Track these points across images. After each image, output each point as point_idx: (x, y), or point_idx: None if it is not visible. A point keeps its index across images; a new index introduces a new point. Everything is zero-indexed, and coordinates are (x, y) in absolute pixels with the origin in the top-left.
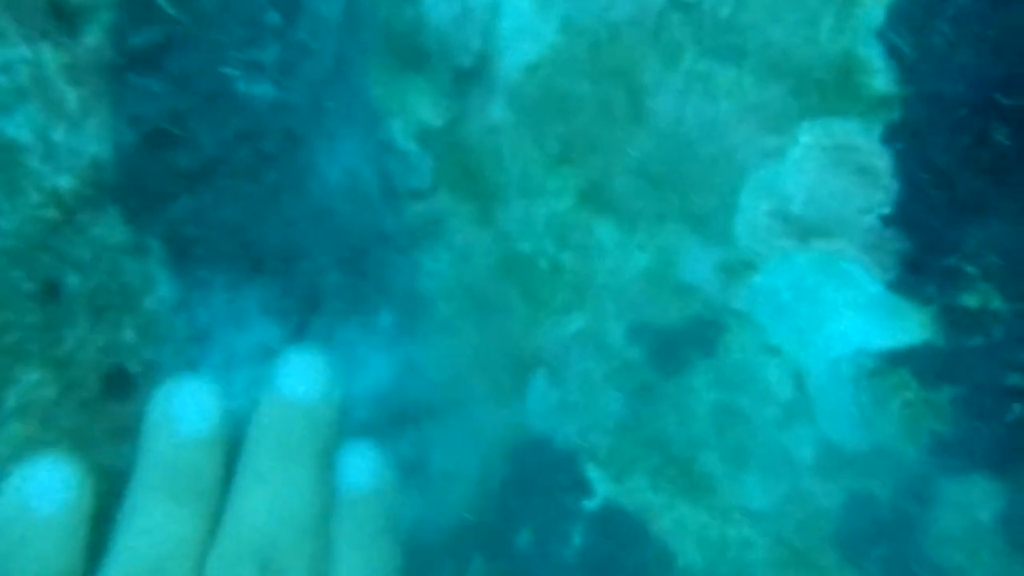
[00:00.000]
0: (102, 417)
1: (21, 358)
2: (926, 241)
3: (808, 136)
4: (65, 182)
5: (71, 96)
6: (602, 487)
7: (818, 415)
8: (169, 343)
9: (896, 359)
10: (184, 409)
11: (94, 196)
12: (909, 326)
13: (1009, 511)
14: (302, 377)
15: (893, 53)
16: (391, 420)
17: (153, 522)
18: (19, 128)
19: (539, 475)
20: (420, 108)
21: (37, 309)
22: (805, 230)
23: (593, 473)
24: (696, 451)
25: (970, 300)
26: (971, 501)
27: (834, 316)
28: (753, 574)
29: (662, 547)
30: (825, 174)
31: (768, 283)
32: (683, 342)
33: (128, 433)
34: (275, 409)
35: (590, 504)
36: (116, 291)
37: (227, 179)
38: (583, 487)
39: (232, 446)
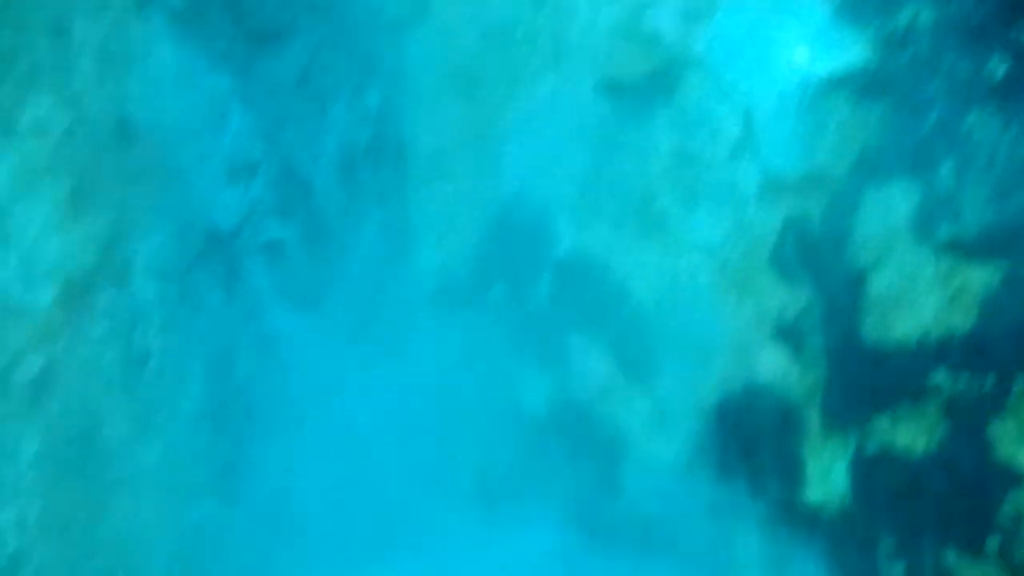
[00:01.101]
0: (110, 158)
1: (34, 86)
2: None
3: None
4: None
5: None
6: (568, 236)
7: (763, 148)
8: (171, 99)
9: (835, 84)
10: None
11: None
12: (849, 50)
13: (921, 207)
14: None
15: None
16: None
17: None
18: None
19: (512, 232)
20: None
21: (48, 43)
22: None
23: (561, 224)
24: (653, 194)
25: (903, 18)
26: (890, 205)
27: (783, 50)
28: (699, 300)
29: (619, 284)
30: None
31: (724, 24)
32: (646, 92)
33: (135, 176)
34: None
35: (557, 252)
36: (122, 45)
37: None
38: (551, 238)
39: None
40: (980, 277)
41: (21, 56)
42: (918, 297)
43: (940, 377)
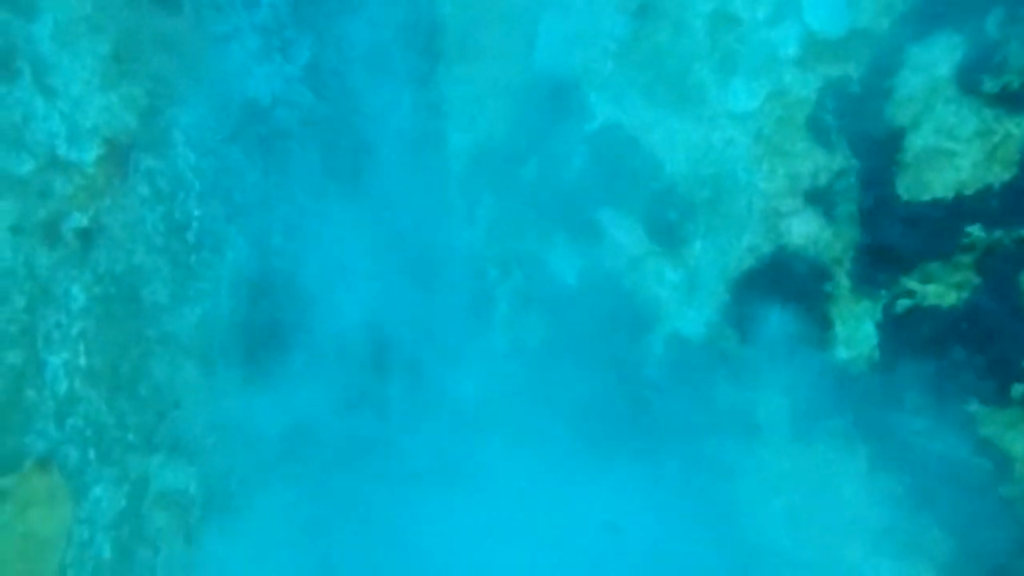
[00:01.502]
0: (149, 24)
1: None
2: None
3: None
4: None
5: None
6: (602, 109)
7: (805, 8)
8: None
9: None
10: None
11: None
12: None
13: (965, 61)
14: None
15: None
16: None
17: None
18: None
19: (545, 108)
20: None
21: None
22: None
23: (594, 98)
24: (689, 64)
25: None
26: (932, 60)
27: None
28: (733, 169)
29: (652, 157)
30: None
31: None
32: None
33: (172, 45)
34: None
35: (591, 126)
36: None
37: None
38: (584, 112)
39: None
40: (1015, 126)
41: None
42: (957, 153)
43: (975, 232)
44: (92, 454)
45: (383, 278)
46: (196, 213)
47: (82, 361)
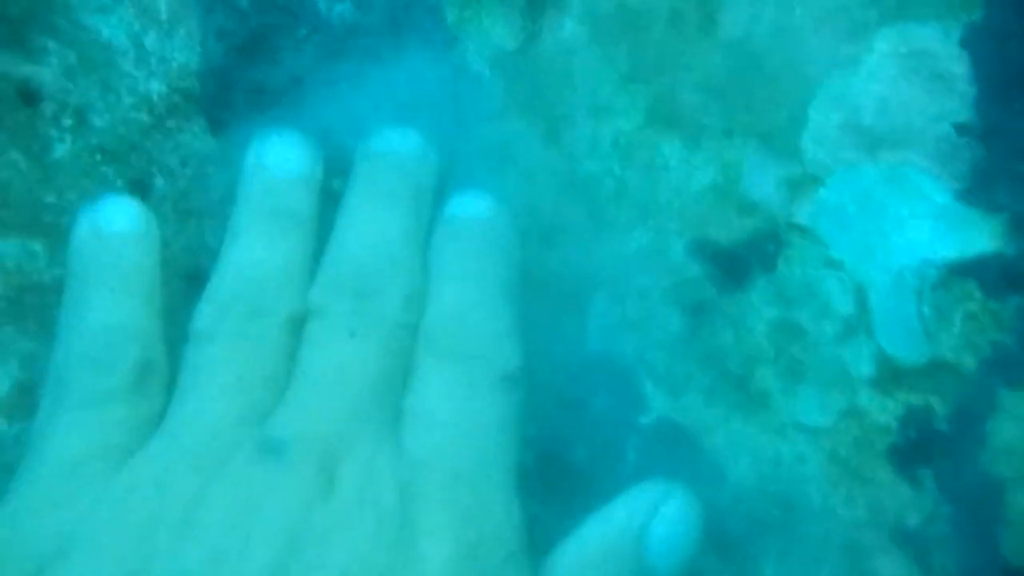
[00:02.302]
0: (182, 314)
1: None
2: (1001, 147)
3: (884, 43)
4: (156, 87)
5: (162, 3)
6: (657, 403)
7: (877, 329)
8: None
9: (962, 270)
10: (278, 152)
11: (182, 104)
12: (977, 236)
13: None
14: (397, 133)
15: None
16: None
17: (254, 249)
18: (115, 30)
19: (597, 393)
20: (494, 30)
21: None
22: (874, 141)
23: (649, 390)
24: (752, 367)
25: None
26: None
27: (899, 227)
28: (806, 489)
29: (714, 462)
30: (899, 82)
31: (833, 196)
32: (743, 258)
33: None
34: (370, 160)
35: (646, 420)
36: (200, 197)
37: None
38: (639, 403)
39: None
40: None
41: None
42: None
43: None
44: None
45: None
46: None
47: None
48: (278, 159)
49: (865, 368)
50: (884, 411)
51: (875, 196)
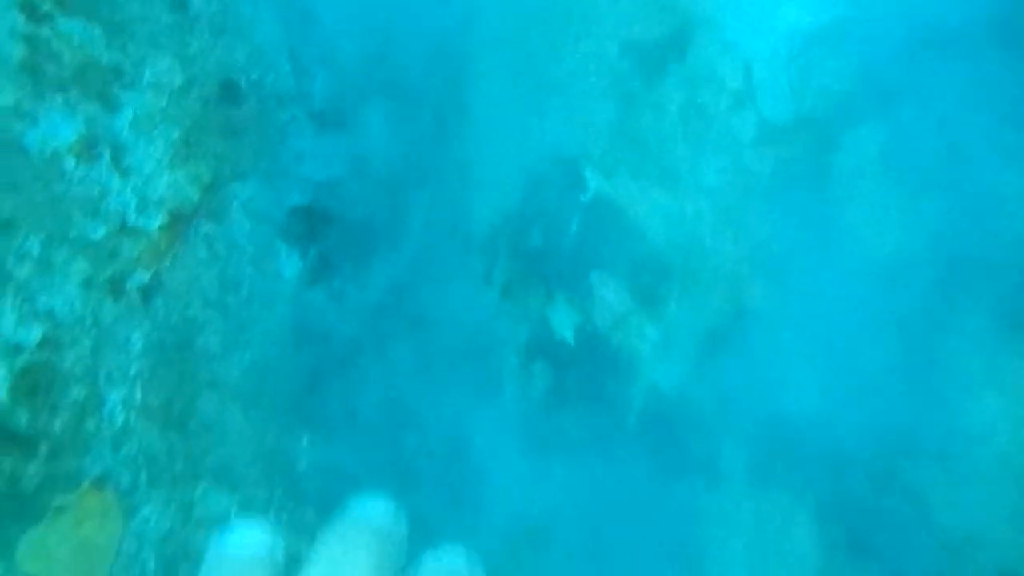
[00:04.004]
0: (217, 112)
1: (156, 47)
2: None
3: None
4: None
5: None
6: (594, 184)
7: (759, 98)
8: (271, 73)
9: (819, 36)
10: (239, 537)
11: None
12: (832, 5)
13: (887, 145)
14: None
15: None
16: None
17: None
18: None
19: (549, 183)
20: None
21: (169, 13)
22: None
23: (589, 174)
24: (666, 145)
25: None
26: (862, 142)
27: (777, 8)
28: (702, 238)
29: (637, 226)
30: None
31: None
32: (662, 52)
33: (236, 132)
34: (344, 524)
35: (584, 197)
36: (232, 19)
37: None
38: (580, 186)
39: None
40: (929, 202)
41: (147, 23)
42: (884, 224)
43: None
44: (143, 478)
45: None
46: (248, 273)
47: (138, 398)
48: (239, 543)
49: (749, 132)
50: (761, 163)
51: None
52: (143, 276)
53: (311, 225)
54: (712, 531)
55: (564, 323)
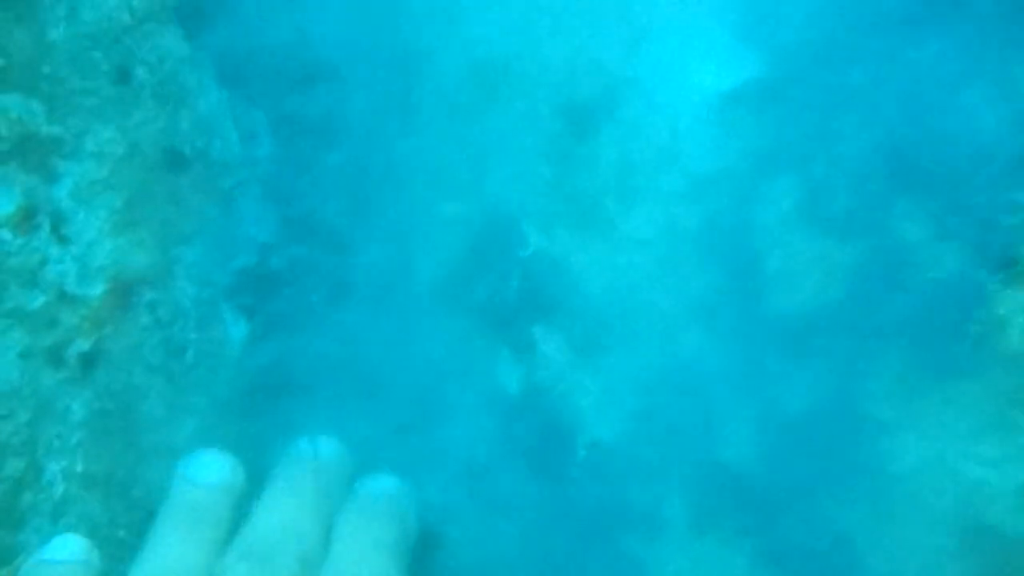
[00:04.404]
0: (161, 180)
1: (99, 118)
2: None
3: None
4: None
5: None
6: (534, 240)
7: (684, 153)
8: (217, 139)
9: (738, 96)
10: (202, 465)
11: (159, 12)
12: (747, 67)
13: (803, 201)
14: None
15: None
16: None
17: (173, 547)
18: None
19: (491, 241)
20: None
21: (112, 86)
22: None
23: (529, 230)
24: (601, 199)
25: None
26: (777, 196)
27: (698, 69)
28: (638, 288)
29: (574, 280)
30: None
31: (653, 51)
32: (593, 112)
33: (182, 199)
34: (291, 461)
35: (524, 253)
36: (176, 89)
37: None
38: (521, 242)
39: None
40: (844, 252)
41: (89, 95)
42: (800, 273)
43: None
44: None
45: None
46: (193, 338)
47: (79, 468)
48: (201, 471)
49: (678, 185)
50: (690, 216)
51: (681, 47)
52: (84, 345)
53: (257, 287)
54: None
55: (510, 377)
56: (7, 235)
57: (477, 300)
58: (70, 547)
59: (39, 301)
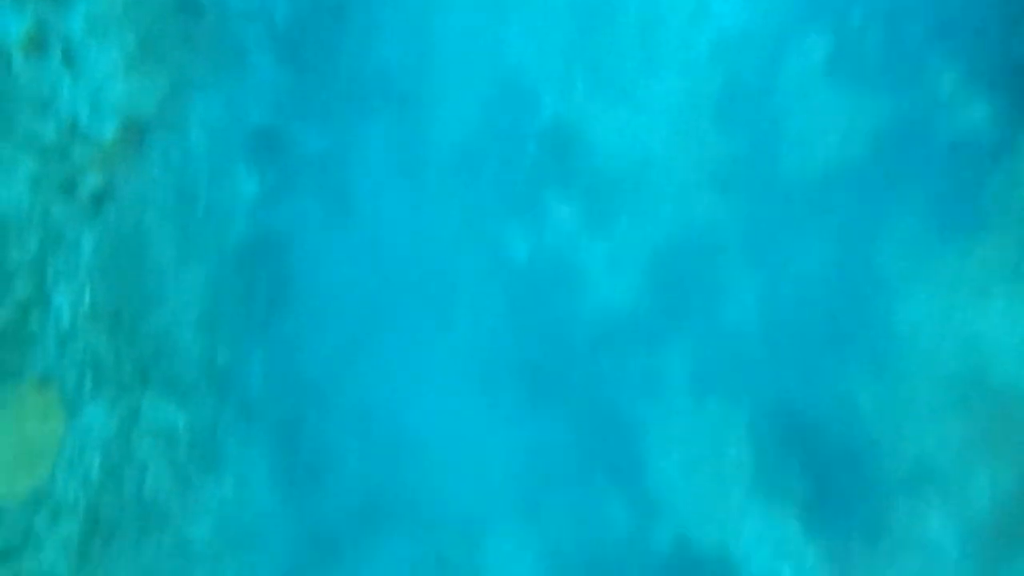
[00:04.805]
0: (175, 22)
1: None
2: None
3: None
4: None
5: None
6: (550, 106)
7: (714, 11)
8: None
9: None
10: None
11: None
12: None
13: (834, 56)
14: None
15: None
16: None
17: None
18: None
19: (507, 106)
20: None
21: None
22: None
23: (545, 96)
24: (622, 64)
25: None
26: (808, 50)
27: None
28: (651, 149)
29: (589, 146)
30: None
31: None
32: None
33: (195, 44)
34: None
35: (541, 121)
36: None
37: None
38: (537, 108)
39: None
40: (870, 107)
41: None
42: (822, 131)
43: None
44: (88, 381)
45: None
46: (205, 187)
47: (86, 301)
48: None
49: (703, 46)
50: (712, 79)
51: None
52: (95, 181)
53: (271, 145)
54: (654, 439)
55: (519, 243)
56: (17, 58)
57: (491, 165)
58: None
59: (51, 131)
